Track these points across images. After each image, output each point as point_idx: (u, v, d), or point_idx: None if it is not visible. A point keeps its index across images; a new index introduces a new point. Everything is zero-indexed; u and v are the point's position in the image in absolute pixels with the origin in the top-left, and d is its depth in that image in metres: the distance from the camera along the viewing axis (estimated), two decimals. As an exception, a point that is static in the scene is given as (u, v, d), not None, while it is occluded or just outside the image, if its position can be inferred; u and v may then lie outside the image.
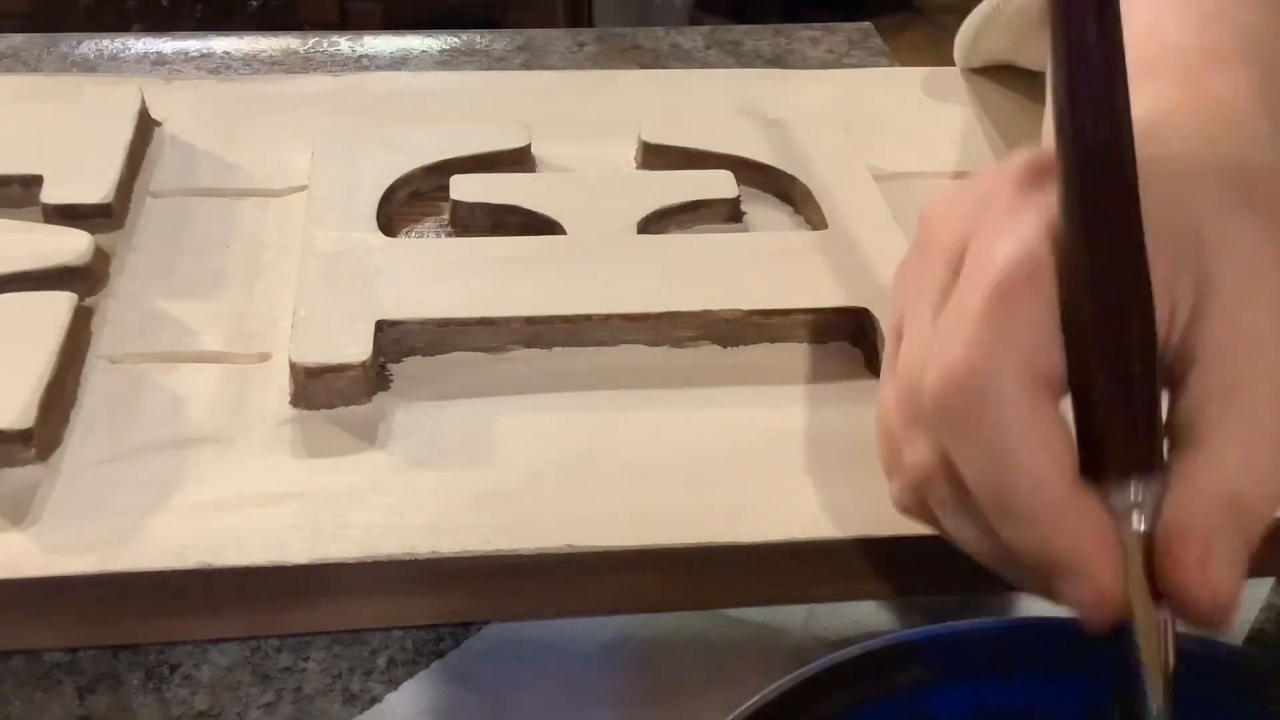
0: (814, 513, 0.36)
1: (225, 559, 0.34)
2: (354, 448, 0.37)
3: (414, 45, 0.64)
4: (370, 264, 0.42)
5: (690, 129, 0.51)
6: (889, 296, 0.34)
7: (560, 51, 0.64)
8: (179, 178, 0.49)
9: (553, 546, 0.35)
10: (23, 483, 0.36)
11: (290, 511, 0.35)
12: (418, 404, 0.39)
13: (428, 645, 0.35)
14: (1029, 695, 0.29)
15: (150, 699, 0.33)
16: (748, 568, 0.36)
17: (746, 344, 0.42)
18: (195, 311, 0.42)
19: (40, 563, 0.33)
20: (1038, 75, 0.61)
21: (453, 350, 0.41)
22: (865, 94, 0.57)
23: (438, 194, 0.48)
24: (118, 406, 0.38)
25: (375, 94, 0.55)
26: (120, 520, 0.35)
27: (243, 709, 0.33)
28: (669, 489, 0.37)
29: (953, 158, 0.53)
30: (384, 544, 0.34)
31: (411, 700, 0.33)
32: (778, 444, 0.38)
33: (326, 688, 0.34)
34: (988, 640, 0.30)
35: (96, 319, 0.42)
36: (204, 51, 0.61)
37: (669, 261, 0.44)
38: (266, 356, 0.41)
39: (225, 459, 0.37)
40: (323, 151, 0.48)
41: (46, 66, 0.60)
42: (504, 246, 0.44)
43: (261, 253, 0.45)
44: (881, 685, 0.29)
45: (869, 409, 0.40)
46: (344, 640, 0.35)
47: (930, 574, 0.37)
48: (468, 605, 0.36)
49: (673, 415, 0.39)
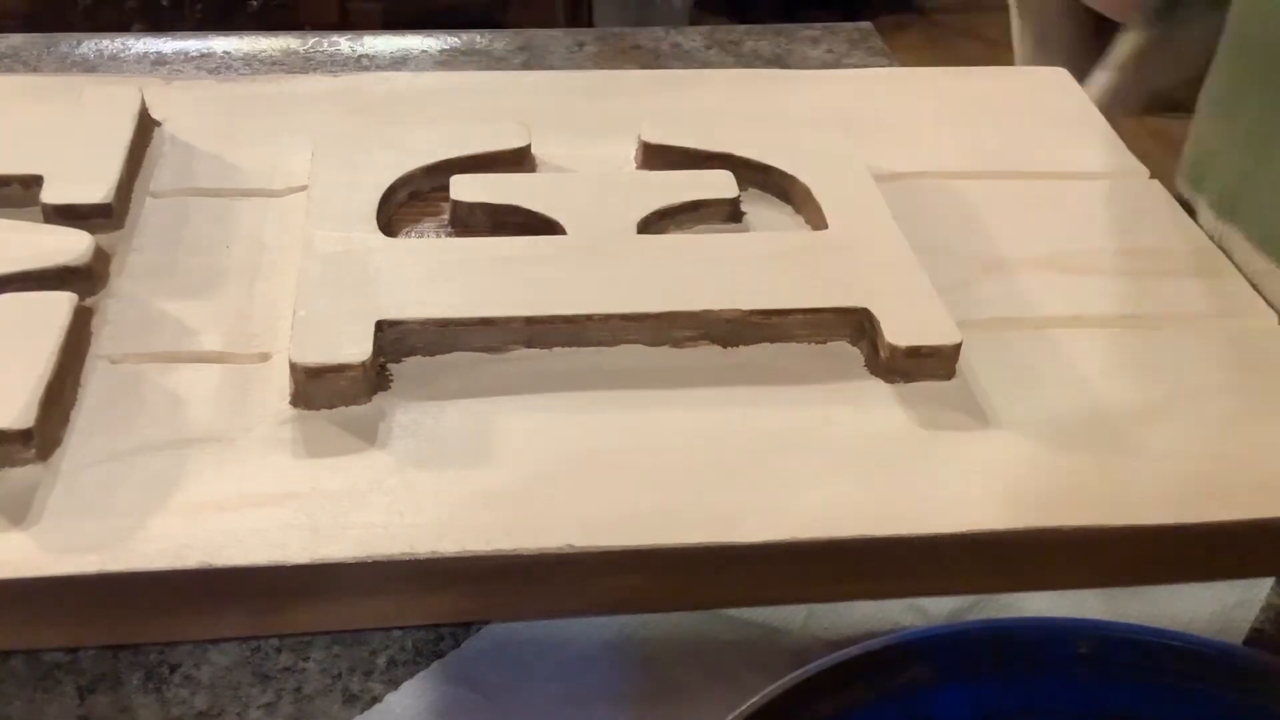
0: (814, 513, 0.36)
1: (225, 559, 0.34)
2: (354, 448, 0.37)
3: (414, 45, 0.64)
4: (370, 264, 0.42)
5: (690, 129, 0.51)
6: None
7: (560, 51, 0.64)
8: (179, 178, 0.49)
9: (553, 546, 0.35)
10: (23, 483, 0.36)
11: (290, 511, 0.35)
12: (418, 404, 0.39)
13: (428, 645, 0.35)
14: (1029, 695, 0.30)
15: (150, 699, 0.33)
16: (748, 568, 0.36)
17: (746, 344, 0.42)
18: (195, 311, 0.42)
19: (40, 563, 0.33)
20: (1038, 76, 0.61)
21: (453, 350, 0.41)
22: (865, 94, 0.57)
23: (438, 194, 0.48)
24: (118, 406, 0.38)
25: (375, 94, 0.55)
26: (120, 520, 0.35)
27: (243, 709, 0.33)
28: (669, 489, 0.37)
29: (953, 158, 0.53)
30: (384, 544, 0.34)
31: (411, 700, 0.33)
32: (778, 444, 0.38)
33: (326, 688, 0.34)
34: (988, 640, 0.30)
35: (96, 319, 0.42)
36: (204, 51, 0.62)
37: (669, 261, 0.44)
38: (266, 356, 0.41)
39: (225, 459, 0.37)
40: (323, 152, 0.48)
41: (46, 66, 0.60)
42: (504, 246, 0.44)
43: (261, 253, 0.45)
44: (881, 685, 0.29)
45: (869, 409, 0.40)
46: (344, 640, 0.35)
47: (931, 574, 0.37)
48: (468, 605, 0.36)
49: (673, 415, 0.39)
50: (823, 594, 0.37)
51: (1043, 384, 0.41)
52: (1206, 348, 0.43)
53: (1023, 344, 0.43)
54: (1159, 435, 0.40)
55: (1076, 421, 0.40)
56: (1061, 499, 0.37)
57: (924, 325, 0.41)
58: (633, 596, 0.36)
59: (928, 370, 0.41)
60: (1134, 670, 0.29)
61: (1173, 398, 0.41)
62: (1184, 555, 0.38)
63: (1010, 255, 0.47)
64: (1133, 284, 0.46)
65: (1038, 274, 0.46)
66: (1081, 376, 0.42)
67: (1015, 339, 0.43)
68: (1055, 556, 0.37)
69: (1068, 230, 0.49)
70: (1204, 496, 0.38)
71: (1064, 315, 0.45)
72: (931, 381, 0.41)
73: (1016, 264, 0.47)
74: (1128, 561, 0.38)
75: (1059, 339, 0.43)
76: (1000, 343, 0.43)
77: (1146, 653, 0.29)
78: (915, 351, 0.41)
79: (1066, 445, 0.39)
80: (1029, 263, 0.47)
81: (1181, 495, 0.38)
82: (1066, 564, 0.37)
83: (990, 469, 0.38)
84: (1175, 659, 0.29)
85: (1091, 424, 0.40)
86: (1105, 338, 0.44)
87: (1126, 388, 0.41)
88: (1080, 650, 0.29)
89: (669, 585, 0.36)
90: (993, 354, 0.42)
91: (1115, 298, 0.46)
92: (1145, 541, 0.37)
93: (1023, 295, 0.45)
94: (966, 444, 0.39)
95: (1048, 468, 0.38)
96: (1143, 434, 0.40)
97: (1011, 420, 0.40)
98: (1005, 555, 0.37)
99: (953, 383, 0.41)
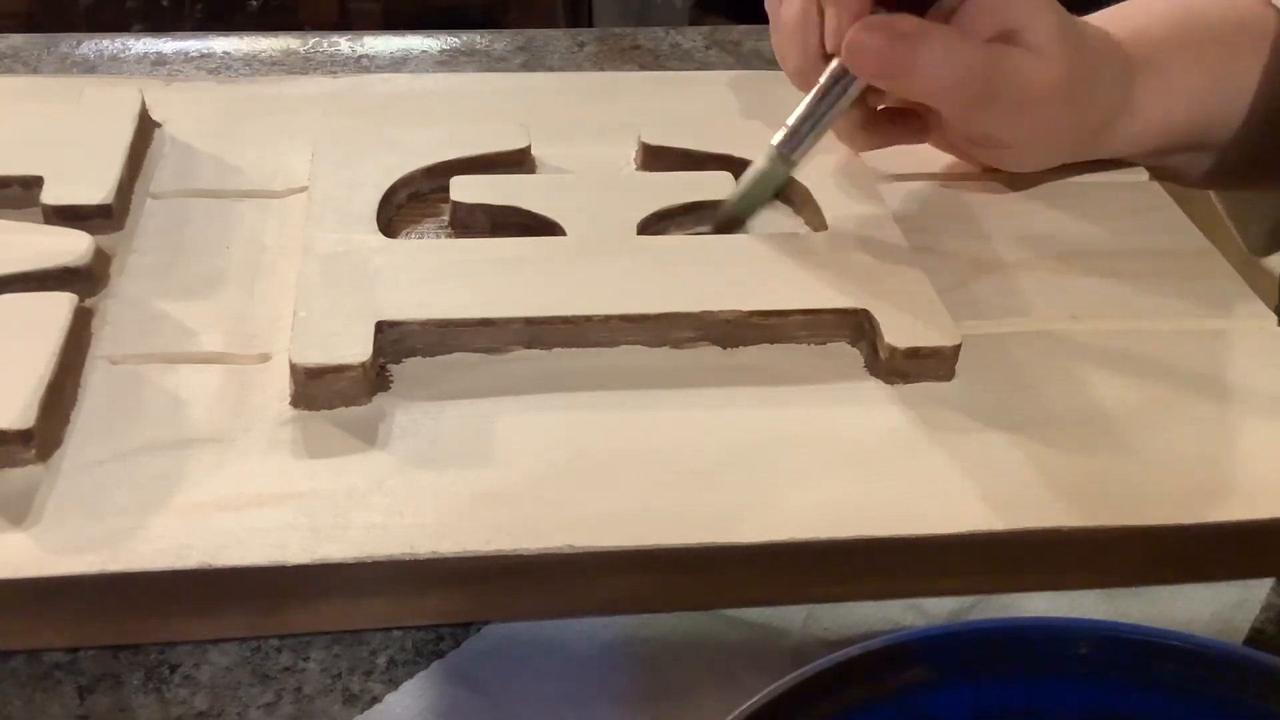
0: (814, 513, 0.36)
1: (225, 559, 0.34)
2: (354, 448, 0.37)
3: (414, 45, 0.64)
4: (370, 265, 0.42)
5: (690, 130, 0.51)
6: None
7: (560, 52, 0.64)
8: (179, 179, 0.49)
9: (553, 546, 0.35)
10: (23, 483, 0.36)
11: (290, 512, 0.35)
12: (418, 404, 0.39)
13: (428, 645, 0.35)
14: (1029, 695, 0.30)
15: (150, 699, 0.33)
16: (748, 568, 0.36)
17: (746, 345, 0.42)
18: (195, 312, 0.42)
19: (40, 563, 0.33)
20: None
21: (453, 351, 0.41)
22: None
23: (438, 195, 0.48)
24: (118, 407, 0.38)
25: (375, 95, 0.55)
26: (120, 520, 0.35)
27: (243, 709, 0.33)
28: (669, 489, 0.37)
29: (952, 158, 0.53)
30: (384, 544, 0.34)
31: (411, 700, 0.33)
32: (777, 444, 0.38)
33: (326, 688, 0.34)
34: (988, 640, 0.30)
35: (96, 319, 0.42)
36: (204, 52, 0.62)
37: (669, 263, 0.44)
38: (266, 357, 0.41)
39: (225, 459, 0.37)
40: (323, 152, 0.48)
41: (46, 67, 0.60)
42: (504, 247, 0.44)
43: (261, 253, 0.45)
44: (881, 685, 0.29)
45: (869, 409, 0.40)
46: (344, 640, 0.35)
47: (931, 574, 0.37)
48: (468, 605, 0.36)
49: (673, 415, 0.39)
50: (822, 594, 0.37)
51: (1043, 384, 0.41)
52: (1205, 348, 0.44)
53: (1022, 344, 0.43)
54: (1159, 435, 0.40)
55: (1076, 421, 0.40)
56: (1061, 499, 0.37)
57: (923, 326, 0.41)
58: (633, 596, 0.36)
59: (927, 371, 0.41)
60: (1134, 670, 0.29)
61: (1173, 398, 0.41)
62: (1184, 555, 0.38)
63: (1009, 256, 0.47)
64: (1132, 284, 0.46)
65: (1037, 274, 0.46)
66: (1081, 376, 0.42)
67: (1014, 339, 0.43)
68: (1055, 556, 0.37)
69: (1067, 230, 0.49)
70: (1204, 496, 0.38)
71: (1063, 315, 0.45)
72: (931, 382, 0.41)
73: (1016, 264, 0.47)
74: (1128, 561, 0.38)
75: (1058, 339, 0.43)
76: (999, 343, 0.43)
77: (1146, 653, 0.29)
78: (915, 352, 0.41)
79: (1066, 445, 0.39)
80: (1028, 263, 0.47)
81: (1181, 495, 0.38)
82: (1066, 564, 0.37)
83: (990, 469, 0.38)
84: (1175, 659, 0.29)
85: (1091, 424, 0.40)
86: (1105, 338, 0.44)
87: (1126, 388, 0.42)
88: (1080, 650, 0.29)
89: (669, 585, 0.36)
90: (992, 354, 0.42)
91: (1115, 298, 0.46)
92: (1145, 541, 0.37)
93: (1022, 296, 0.45)
94: (966, 444, 0.39)
95: (1048, 468, 0.38)
96: (1143, 434, 0.40)
97: (1011, 420, 0.40)
98: (1005, 555, 0.37)
99: (953, 383, 0.41)
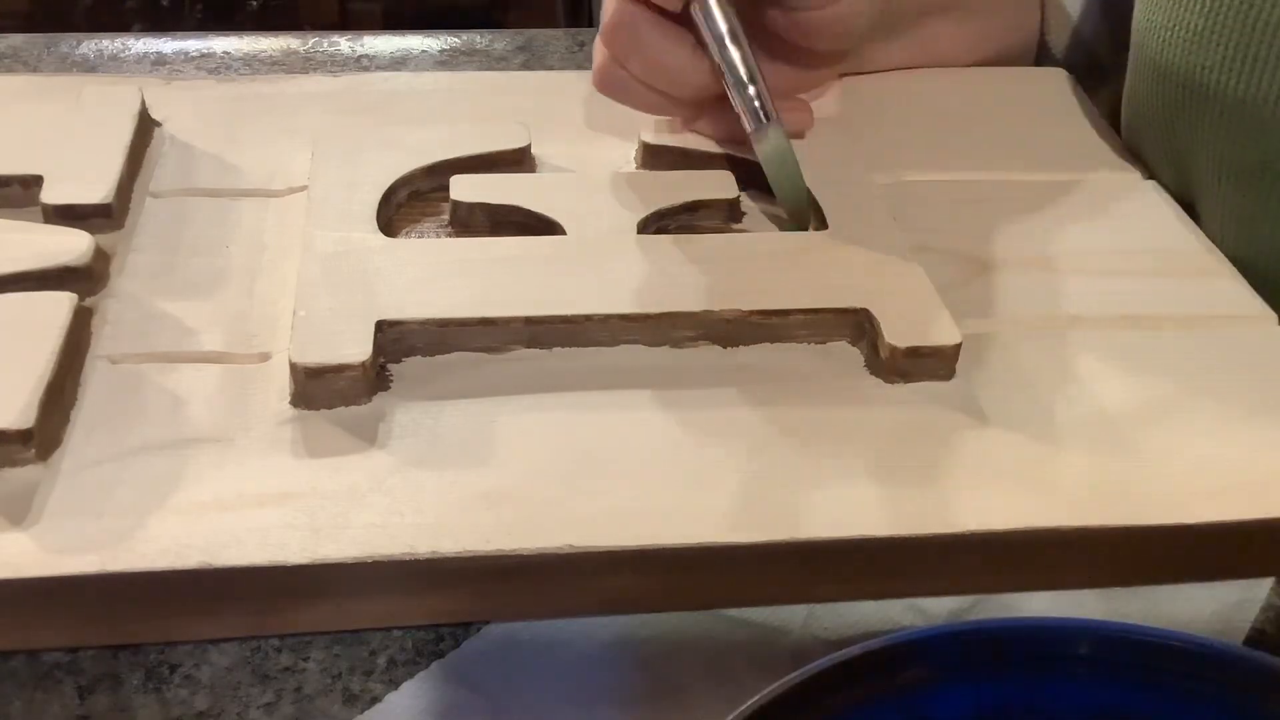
0: (814, 513, 0.36)
1: (225, 559, 0.34)
2: (354, 448, 0.37)
3: (414, 45, 0.64)
4: (370, 264, 0.42)
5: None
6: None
7: (560, 51, 0.64)
8: (179, 178, 0.49)
9: (553, 546, 0.35)
10: (23, 483, 0.36)
11: (290, 511, 0.35)
12: (418, 404, 0.39)
13: (428, 645, 0.35)
14: (1029, 695, 0.30)
15: (150, 699, 0.33)
16: (748, 568, 0.36)
17: (746, 344, 0.42)
18: (195, 311, 0.42)
19: (40, 563, 0.33)
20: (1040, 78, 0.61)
21: (453, 350, 0.41)
22: (865, 94, 0.57)
23: (438, 194, 0.48)
24: (118, 406, 0.38)
25: (375, 94, 0.55)
26: (120, 520, 0.34)
27: (243, 709, 0.33)
28: (669, 489, 0.37)
29: (952, 158, 0.53)
30: (384, 544, 0.34)
31: (411, 700, 0.33)
32: (777, 444, 0.38)
33: (326, 688, 0.34)
34: (988, 640, 0.30)
35: (96, 319, 0.42)
36: (204, 52, 0.61)
37: (668, 262, 0.44)
38: (266, 356, 0.41)
39: (225, 459, 0.37)
40: (322, 152, 0.48)
41: (46, 66, 0.60)
42: (504, 246, 0.44)
43: (261, 253, 0.45)
44: (881, 685, 0.29)
45: (869, 409, 0.40)
46: (344, 640, 0.35)
47: (931, 574, 0.37)
48: (468, 605, 0.36)
49: (673, 415, 0.39)
50: (823, 594, 0.37)
51: (1043, 384, 0.41)
52: (1206, 348, 0.44)
53: (1022, 344, 0.43)
54: (1159, 435, 0.40)
55: (1076, 421, 0.40)
56: (1061, 499, 0.37)
57: (924, 325, 0.41)
58: (633, 596, 0.36)
59: (928, 370, 0.41)
60: (1134, 670, 0.29)
61: (1173, 398, 0.41)
62: (1184, 555, 0.38)
63: (1009, 255, 0.47)
64: (1132, 284, 0.46)
65: (1037, 274, 0.46)
66: (1081, 376, 0.42)
67: (1015, 339, 0.43)
68: (1055, 556, 0.37)
69: (1067, 230, 0.49)
70: (1204, 496, 0.38)
71: (1063, 315, 0.45)
72: (931, 381, 0.41)
73: (1016, 264, 0.47)
74: (1128, 561, 0.38)
75: (1059, 339, 0.43)
76: (1000, 343, 0.43)
77: (1146, 653, 0.29)
78: (915, 352, 0.41)
79: (1066, 445, 0.39)
80: (1028, 263, 0.47)
81: (1181, 495, 0.38)
82: (1066, 564, 0.37)
83: (990, 469, 0.38)
84: (1175, 659, 0.29)
85: (1091, 424, 0.40)
86: (1105, 338, 0.44)
87: (1126, 388, 0.41)
88: (1080, 650, 0.29)
89: (669, 585, 0.36)
90: (993, 354, 0.42)
91: (1115, 298, 0.46)
92: (1145, 541, 0.37)
93: (1022, 295, 0.45)
94: (966, 444, 0.39)
95: (1048, 468, 0.38)
96: (1143, 434, 0.40)
97: (1011, 420, 0.40)
98: (1005, 555, 0.37)
99: (953, 383, 0.41)
